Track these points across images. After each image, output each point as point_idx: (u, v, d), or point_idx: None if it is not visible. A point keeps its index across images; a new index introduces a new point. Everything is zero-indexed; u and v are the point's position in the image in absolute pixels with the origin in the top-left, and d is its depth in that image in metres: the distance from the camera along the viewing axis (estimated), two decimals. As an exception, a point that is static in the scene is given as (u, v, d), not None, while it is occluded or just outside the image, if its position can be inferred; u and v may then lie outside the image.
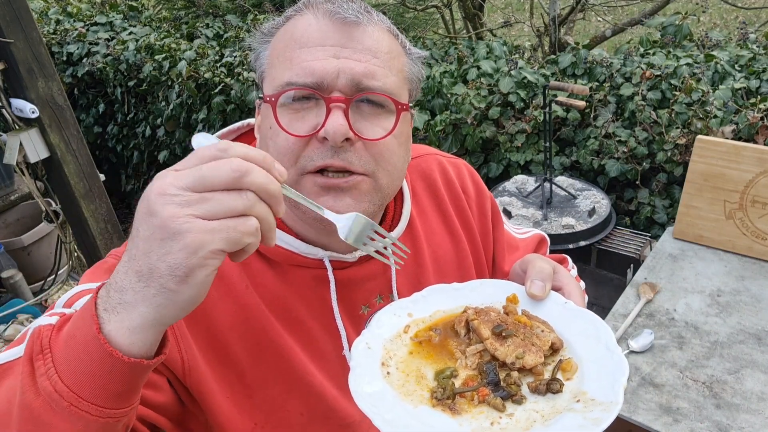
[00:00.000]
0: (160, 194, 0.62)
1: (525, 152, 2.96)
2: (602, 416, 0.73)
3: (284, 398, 0.98)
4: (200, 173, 0.62)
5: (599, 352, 0.84)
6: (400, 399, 0.80)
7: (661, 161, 2.63)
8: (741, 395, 1.58)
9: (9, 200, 3.95)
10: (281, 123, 0.88)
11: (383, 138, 0.90)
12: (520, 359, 0.83)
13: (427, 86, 3.20)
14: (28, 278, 3.55)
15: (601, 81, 2.97)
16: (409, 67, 0.98)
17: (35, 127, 2.88)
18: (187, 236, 0.61)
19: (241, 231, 0.63)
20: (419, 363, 0.87)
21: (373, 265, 1.05)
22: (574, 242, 2.49)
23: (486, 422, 0.77)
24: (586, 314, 0.91)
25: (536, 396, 0.81)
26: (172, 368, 0.90)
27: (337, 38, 0.88)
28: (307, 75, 0.86)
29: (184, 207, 0.61)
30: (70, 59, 4.71)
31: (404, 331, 0.92)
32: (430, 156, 1.23)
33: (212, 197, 0.62)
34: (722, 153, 2.03)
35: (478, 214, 1.23)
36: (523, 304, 0.95)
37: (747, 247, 2.10)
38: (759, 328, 1.80)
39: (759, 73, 2.69)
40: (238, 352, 0.95)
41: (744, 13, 7.15)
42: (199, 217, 0.62)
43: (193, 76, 3.94)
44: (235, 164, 0.63)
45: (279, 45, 0.93)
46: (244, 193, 0.63)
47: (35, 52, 2.76)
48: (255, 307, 0.96)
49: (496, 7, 8.53)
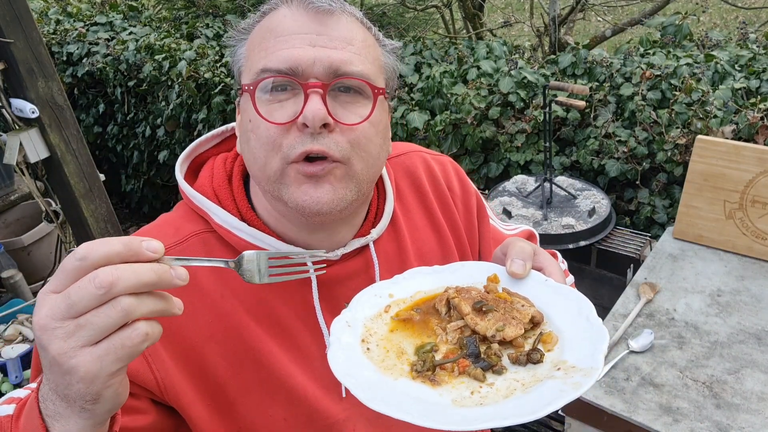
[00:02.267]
0: (42, 329, 0.62)
1: (525, 152, 2.96)
2: (582, 381, 0.73)
3: (267, 404, 0.98)
4: (69, 300, 0.61)
5: (580, 324, 0.85)
6: (380, 373, 0.81)
7: (661, 161, 2.63)
8: (741, 395, 1.58)
9: (9, 200, 3.95)
10: (261, 112, 0.88)
11: (361, 123, 0.90)
12: (501, 332, 0.84)
13: (427, 86, 3.20)
14: (28, 278, 3.55)
15: (601, 81, 2.97)
16: (384, 58, 0.99)
17: (35, 127, 2.88)
18: (79, 371, 0.62)
19: (128, 346, 0.63)
20: (400, 340, 0.87)
21: (356, 263, 1.04)
22: (574, 242, 2.49)
23: (466, 392, 0.78)
24: (566, 290, 0.92)
25: (517, 366, 0.82)
26: (148, 388, 0.91)
27: (312, 27, 0.89)
28: (282, 62, 0.87)
29: (67, 339, 0.61)
30: (70, 59, 4.71)
31: (385, 311, 0.92)
32: (414, 153, 1.23)
33: (87, 322, 0.61)
34: (722, 153, 2.03)
35: (463, 211, 1.23)
36: (504, 282, 0.96)
37: (747, 247, 2.10)
38: (759, 328, 1.80)
39: (759, 73, 2.69)
40: (218, 362, 0.95)
41: (744, 13, 7.15)
42: (83, 345, 0.62)
43: (193, 76, 3.94)
44: (98, 280, 0.61)
45: (255, 38, 0.93)
46: (117, 304, 0.62)
47: (35, 52, 2.76)
48: (232, 315, 0.96)
49: (496, 7, 8.53)
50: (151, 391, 0.91)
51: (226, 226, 0.98)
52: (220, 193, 1.01)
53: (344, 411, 1.02)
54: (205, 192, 1.01)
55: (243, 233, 0.97)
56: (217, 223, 0.98)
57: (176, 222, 1.01)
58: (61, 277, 0.63)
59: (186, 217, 1.02)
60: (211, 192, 1.01)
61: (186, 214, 1.02)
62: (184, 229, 1.00)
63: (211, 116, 3.93)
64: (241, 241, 0.97)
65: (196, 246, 0.98)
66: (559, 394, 0.71)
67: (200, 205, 1.00)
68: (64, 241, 3.29)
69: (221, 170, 1.04)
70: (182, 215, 1.03)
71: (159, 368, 0.91)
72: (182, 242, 0.98)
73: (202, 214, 1.00)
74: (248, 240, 0.97)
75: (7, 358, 2.89)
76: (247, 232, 0.97)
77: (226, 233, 0.97)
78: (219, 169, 1.04)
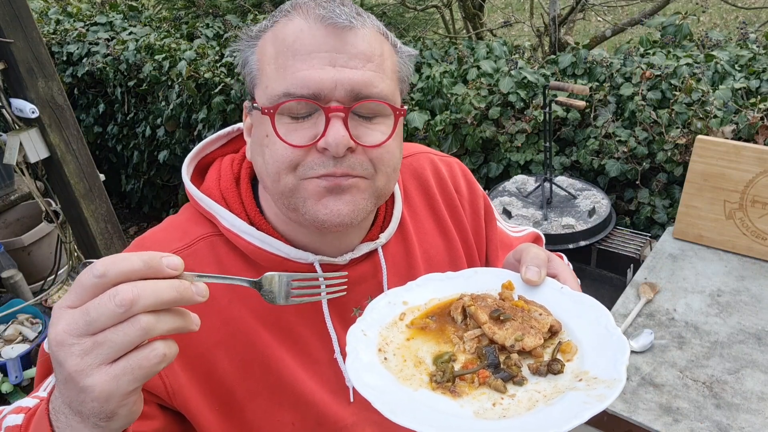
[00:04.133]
0: (59, 345, 0.62)
1: (525, 152, 2.96)
2: (606, 393, 0.72)
3: (275, 409, 0.98)
4: (88, 317, 0.61)
5: (598, 333, 0.84)
6: (399, 384, 0.80)
7: (661, 161, 2.63)
8: (741, 395, 1.58)
9: (9, 200, 3.95)
10: (280, 134, 0.87)
11: (383, 143, 0.89)
12: (520, 341, 0.83)
13: (427, 86, 3.20)
14: (28, 278, 3.55)
15: (601, 81, 2.97)
16: (401, 66, 0.97)
17: (35, 127, 2.88)
18: (94, 390, 0.61)
19: (146, 366, 0.62)
20: (416, 349, 0.86)
21: (364, 268, 1.04)
22: (574, 242, 2.49)
23: (488, 403, 0.77)
24: (583, 298, 0.91)
25: (537, 377, 0.80)
26: (156, 393, 0.91)
27: (331, 44, 0.86)
28: (303, 86, 0.85)
29: (84, 357, 0.61)
30: (70, 59, 4.71)
31: (400, 319, 0.92)
32: (422, 155, 1.22)
33: (105, 339, 0.61)
34: (722, 153, 2.03)
35: (470, 213, 1.22)
36: (519, 290, 0.95)
37: (747, 247, 2.10)
38: (759, 328, 1.80)
39: (759, 73, 2.69)
40: (226, 368, 0.95)
41: (744, 13, 7.15)
42: (100, 364, 0.61)
43: (193, 76, 3.94)
44: (118, 298, 0.60)
45: (269, 49, 0.91)
46: (136, 323, 0.61)
47: (35, 52, 2.77)
48: (240, 320, 0.95)
49: (496, 7, 8.53)
50: (160, 396, 0.91)
51: (234, 230, 0.96)
52: (228, 195, 0.99)
53: (352, 416, 1.02)
54: (213, 194, 1.00)
55: (251, 237, 0.96)
56: (224, 227, 0.97)
57: (183, 225, 1.00)
58: (79, 291, 0.62)
59: (193, 220, 1.00)
60: (218, 194, 1.00)
61: (193, 217, 1.01)
62: (192, 233, 0.98)
63: (211, 116, 3.93)
64: (249, 245, 0.96)
65: (204, 250, 0.97)
66: (584, 407, 0.70)
67: (207, 207, 0.99)
68: (64, 241, 3.28)
69: (228, 172, 1.03)
70: (189, 218, 1.01)
71: (168, 374, 0.90)
72: (190, 246, 0.97)
73: (210, 217, 0.99)
74: (256, 244, 0.96)
75: (7, 358, 2.89)
76: (255, 236, 0.96)
77: (234, 237, 0.96)
78: (226, 170, 1.03)
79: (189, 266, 0.93)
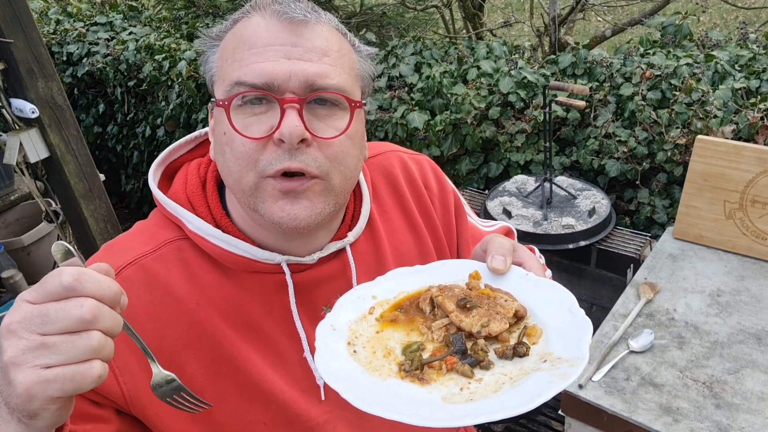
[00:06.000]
0: (8, 333, 0.62)
1: (525, 152, 2.96)
2: (569, 371, 0.74)
3: (245, 409, 0.98)
4: (46, 318, 0.61)
5: (563, 316, 0.85)
6: (368, 374, 0.81)
7: (661, 161, 2.63)
8: (741, 395, 1.58)
9: (9, 200, 3.95)
10: (236, 126, 0.87)
11: (338, 136, 0.89)
12: (486, 327, 0.84)
13: (427, 86, 3.20)
14: (28, 278, 3.54)
15: (601, 81, 2.96)
16: (360, 65, 0.97)
17: (35, 127, 2.88)
18: (19, 387, 0.62)
19: (78, 381, 0.63)
20: (386, 341, 0.88)
21: (333, 266, 1.04)
22: (574, 242, 2.49)
23: (455, 388, 0.78)
24: (547, 283, 0.92)
25: (504, 361, 0.82)
26: (113, 399, 0.91)
27: (286, 38, 0.87)
28: (257, 76, 0.85)
29: (26, 353, 0.61)
30: (70, 59, 4.71)
31: (369, 313, 0.93)
32: (391, 153, 1.23)
33: (54, 344, 0.62)
34: (722, 153, 2.03)
35: (441, 209, 1.23)
36: (485, 279, 0.96)
37: (747, 247, 2.10)
38: (759, 328, 1.80)
39: (759, 73, 2.69)
40: (195, 370, 0.95)
41: (744, 13, 7.16)
42: (37, 365, 0.61)
43: (193, 76, 3.94)
44: (85, 309, 0.62)
45: (228, 47, 0.91)
46: (91, 338, 0.63)
47: (35, 52, 2.76)
48: (207, 322, 0.95)
49: (496, 7, 8.53)
50: (116, 401, 0.91)
51: (200, 233, 0.97)
52: (194, 199, 1.00)
53: (324, 414, 1.03)
54: (179, 199, 1.00)
55: (217, 240, 0.96)
56: (191, 230, 0.97)
57: (151, 230, 1.01)
58: (42, 293, 0.63)
59: (161, 225, 1.01)
60: (184, 198, 1.00)
61: (161, 222, 1.02)
62: (159, 237, 0.99)
63: (211, 116, 3.93)
64: (215, 248, 0.96)
65: (170, 254, 0.98)
66: (548, 386, 0.72)
67: (174, 212, 0.99)
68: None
69: (195, 177, 1.03)
70: (157, 222, 1.02)
71: (126, 381, 0.91)
72: (156, 250, 0.97)
73: (176, 221, 0.99)
74: (223, 247, 0.96)
75: (7, 358, 2.89)
76: (221, 238, 0.96)
77: (200, 240, 0.97)
78: (193, 175, 1.04)
79: (156, 270, 0.95)
